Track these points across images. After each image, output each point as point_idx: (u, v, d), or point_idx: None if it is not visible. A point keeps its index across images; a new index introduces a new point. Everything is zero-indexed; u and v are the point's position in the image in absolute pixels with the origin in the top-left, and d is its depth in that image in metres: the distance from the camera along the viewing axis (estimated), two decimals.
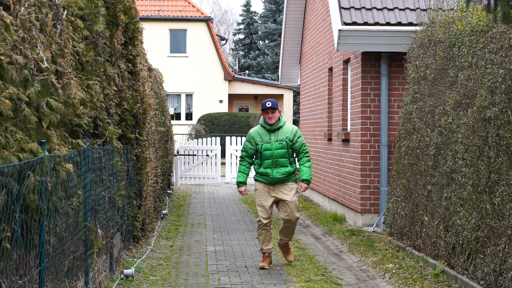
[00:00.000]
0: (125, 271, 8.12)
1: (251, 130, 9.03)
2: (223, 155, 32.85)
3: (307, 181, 8.91)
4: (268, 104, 8.84)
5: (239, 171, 9.07)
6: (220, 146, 22.70)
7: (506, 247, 6.69)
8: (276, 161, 8.80)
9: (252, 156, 9.02)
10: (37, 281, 4.77)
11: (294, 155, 9.01)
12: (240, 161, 9.13)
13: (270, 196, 8.88)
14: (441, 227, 8.37)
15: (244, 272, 8.70)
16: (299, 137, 8.92)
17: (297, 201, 8.95)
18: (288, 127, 8.97)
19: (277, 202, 8.95)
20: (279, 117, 8.92)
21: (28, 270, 4.62)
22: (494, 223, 6.93)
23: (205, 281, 8.18)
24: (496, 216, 6.91)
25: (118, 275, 8.09)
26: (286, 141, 8.82)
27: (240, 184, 9.03)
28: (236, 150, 22.40)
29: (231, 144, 22.54)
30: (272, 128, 8.87)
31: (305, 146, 8.97)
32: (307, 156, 8.96)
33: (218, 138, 23.01)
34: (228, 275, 8.48)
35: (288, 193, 8.87)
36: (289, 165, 8.86)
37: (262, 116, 8.97)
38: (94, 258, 6.85)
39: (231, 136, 23.39)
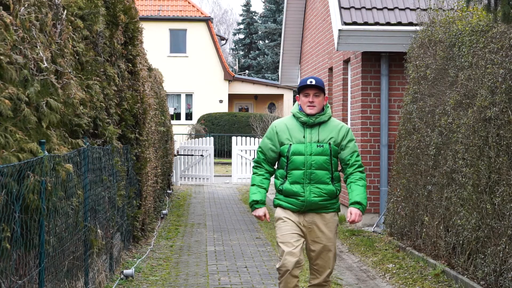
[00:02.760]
0: (125, 271, 8.12)
1: (276, 122, 5.86)
2: (221, 155, 32.90)
3: (361, 206, 5.66)
4: (311, 81, 5.69)
5: (252, 184, 5.82)
6: (213, 146, 22.63)
7: (507, 247, 6.69)
8: (310, 173, 5.63)
9: (274, 162, 5.85)
10: (37, 281, 4.76)
11: (339, 168, 5.85)
12: (254, 167, 5.91)
13: (300, 229, 5.72)
14: (441, 227, 8.36)
15: (244, 272, 8.70)
16: (350, 141, 5.74)
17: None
18: (335, 123, 5.79)
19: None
20: (323, 107, 5.76)
21: (28, 270, 4.61)
22: (494, 223, 6.93)
23: (205, 281, 8.17)
24: (497, 216, 6.91)
25: (118, 275, 8.09)
26: (329, 144, 5.67)
27: (255, 204, 5.77)
28: (241, 150, 22.32)
29: (236, 144, 22.47)
30: (311, 122, 5.69)
31: (358, 155, 5.76)
32: (362, 172, 5.74)
33: (212, 138, 22.98)
34: (228, 275, 8.48)
35: (325, 230, 5.73)
36: (330, 182, 5.66)
37: (296, 102, 5.85)
38: (94, 258, 6.85)
39: (236, 136, 23.34)
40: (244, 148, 22.43)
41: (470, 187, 7.42)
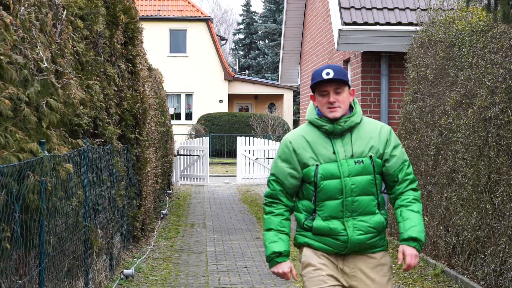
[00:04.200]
0: (125, 271, 8.12)
1: (290, 136, 4.12)
2: (221, 155, 32.92)
3: (418, 243, 4.00)
4: (327, 72, 3.94)
5: (268, 228, 4.06)
6: (208, 146, 22.54)
7: (507, 247, 6.69)
8: (352, 202, 3.96)
9: (295, 193, 4.10)
10: (37, 281, 4.77)
11: (383, 188, 4.19)
12: (267, 205, 4.11)
13: (340, 282, 4.04)
14: (441, 227, 8.37)
15: (244, 272, 8.70)
16: (395, 147, 4.08)
17: None
18: (372, 125, 4.11)
19: None
20: (351, 104, 4.08)
21: (28, 270, 4.62)
22: (494, 223, 6.93)
23: (205, 281, 8.18)
24: (496, 216, 6.91)
25: (118, 275, 8.09)
26: (371, 157, 4.01)
27: (277, 257, 4.02)
28: (245, 150, 22.25)
29: (241, 144, 22.42)
30: (339, 129, 4.00)
31: (409, 166, 4.09)
32: (415, 190, 4.09)
33: (207, 138, 22.93)
34: (228, 275, 8.48)
35: (376, 276, 4.05)
36: (377, 210, 4.03)
37: (311, 103, 4.14)
38: (94, 258, 6.85)
39: (241, 136, 23.30)
40: (248, 148, 22.37)
41: (470, 187, 7.42)
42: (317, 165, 3.98)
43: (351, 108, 4.06)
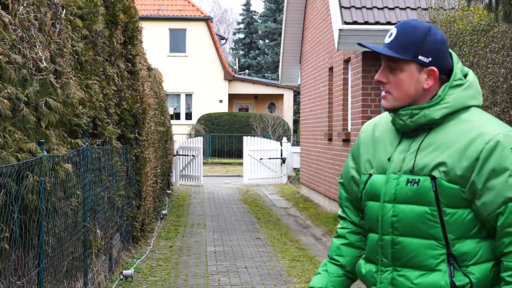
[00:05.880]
0: (124, 271, 8.10)
1: (365, 123, 2.70)
2: (221, 155, 32.92)
3: None
4: (390, 35, 2.63)
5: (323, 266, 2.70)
6: (202, 146, 22.45)
7: None
8: (392, 243, 2.42)
9: (359, 206, 2.63)
10: (36, 282, 4.74)
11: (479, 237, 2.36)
12: (339, 217, 2.75)
13: None
14: None
15: (244, 272, 8.68)
16: (494, 173, 2.27)
17: None
18: (467, 127, 2.36)
19: None
20: (438, 91, 2.44)
21: (27, 270, 4.59)
22: None
23: (205, 281, 8.16)
24: None
25: (117, 276, 8.07)
26: (432, 177, 2.34)
27: None
28: (251, 150, 22.18)
29: (247, 144, 22.36)
30: (401, 125, 2.46)
31: None
32: None
33: (201, 138, 22.86)
34: (228, 276, 8.46)
35: None
36: (441, 265, 2.34)
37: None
38: (93, 259, 6.83)
39: (247, 136, 23.26)
40: (254, 148, 22.31)
41: None
42: (370, 175, 2.54)
43: (435, 96, 2.46)
